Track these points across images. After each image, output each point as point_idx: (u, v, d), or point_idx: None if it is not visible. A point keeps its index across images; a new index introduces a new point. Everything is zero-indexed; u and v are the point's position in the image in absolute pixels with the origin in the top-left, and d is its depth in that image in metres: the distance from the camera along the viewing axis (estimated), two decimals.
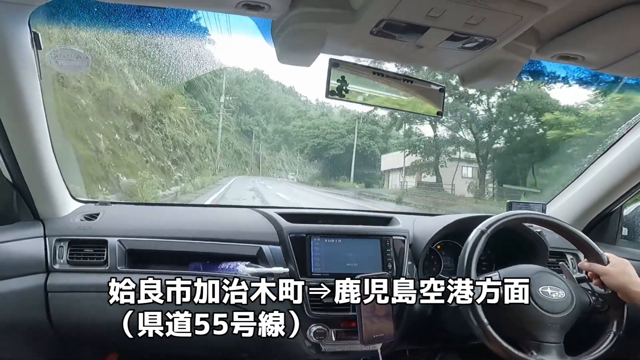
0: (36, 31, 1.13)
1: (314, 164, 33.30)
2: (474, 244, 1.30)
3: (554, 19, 0.90)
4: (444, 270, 1.74)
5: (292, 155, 38.15)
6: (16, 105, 1.19)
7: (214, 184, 18.20)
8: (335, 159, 28.33)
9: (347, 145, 27.55)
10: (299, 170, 36.87)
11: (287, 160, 39.46)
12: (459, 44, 0.96)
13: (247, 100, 37.78)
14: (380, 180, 26.92)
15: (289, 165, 39.24)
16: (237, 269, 1.45)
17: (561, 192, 1.97)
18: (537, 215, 1.44)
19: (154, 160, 12.08)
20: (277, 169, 37.86)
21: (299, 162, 36.95)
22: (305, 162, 35.52)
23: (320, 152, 29.29)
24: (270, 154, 38.09)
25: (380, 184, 26.36)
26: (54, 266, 1.37)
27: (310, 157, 31.66)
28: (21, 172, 1.34)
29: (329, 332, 1.50)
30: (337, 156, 28.17)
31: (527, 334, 1.24)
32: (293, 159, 38.43)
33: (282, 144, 37.42)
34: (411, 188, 21.11)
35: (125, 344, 1.56)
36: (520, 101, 12.80)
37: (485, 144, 16.96)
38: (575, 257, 1.80)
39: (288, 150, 37.58)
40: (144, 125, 11.64)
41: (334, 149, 28.01)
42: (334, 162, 28.64)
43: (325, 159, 29.58)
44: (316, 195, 20.18)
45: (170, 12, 1.22)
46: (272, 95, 43.53)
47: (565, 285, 1.30)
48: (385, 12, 0.84)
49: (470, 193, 18.28)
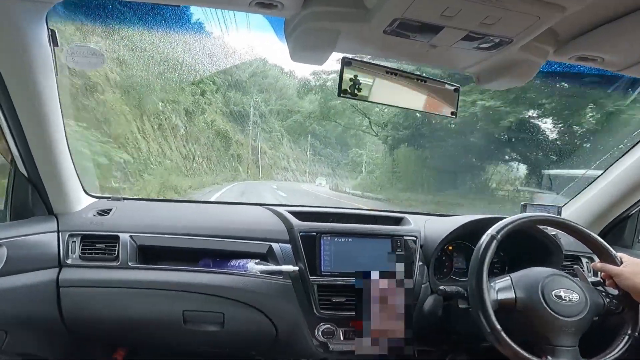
0: (53, 28, 1.14)
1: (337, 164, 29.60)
2: (484, 248, 1.28)
3: (573, 20, 0.88)
4: (455, 271, 1.72)
5: (299, 150, 31.68)
6: (33, 102, 1.21)
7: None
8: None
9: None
10: (309, 170, 31.37)
11: (294, 156, 31.79)
12: (474, 43, 0.95)
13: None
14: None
15: (295, 163, 31.64)
16: (246, 266, 1.46)
17: (577, 195, 1.94)
18: (548, 217, 1.42)
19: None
20: (282, 169, 30.46)
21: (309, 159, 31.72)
22: (316, 160, 31.07)
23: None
24: (272, 147, 30.13)
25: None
26: (67, 261, 1.39)
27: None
28: (37, 168, 1.36)
29: (337, 332, 1.50)
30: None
31: (541, 338, 1.23)
32: (301, 155, 31.93)
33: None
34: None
35: (135, 339, 1.58)
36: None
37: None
38: (591, 260, 1.77)
39: (294, 144, 31.08)
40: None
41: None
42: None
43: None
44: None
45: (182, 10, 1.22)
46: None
47: (579, 288, 1.27)
48: (398, 12, 0.83)
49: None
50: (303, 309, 1.49)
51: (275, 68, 26.93)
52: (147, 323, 1.42)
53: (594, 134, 9.40)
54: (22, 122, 1.24)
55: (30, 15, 1.04)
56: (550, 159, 10.83)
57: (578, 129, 10.24)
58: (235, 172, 20.34)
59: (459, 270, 1.72)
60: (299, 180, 29.56)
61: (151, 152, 11.13)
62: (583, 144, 9.63)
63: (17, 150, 1.33)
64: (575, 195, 1.95)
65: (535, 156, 11.47)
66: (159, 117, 12.65)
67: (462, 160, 13.55)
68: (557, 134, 11.13)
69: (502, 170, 13.18)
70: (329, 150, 31.34)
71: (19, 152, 1.33)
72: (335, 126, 25.33)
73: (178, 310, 1.40)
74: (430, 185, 15.12)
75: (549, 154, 11.04)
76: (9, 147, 1.34)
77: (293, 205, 1.77)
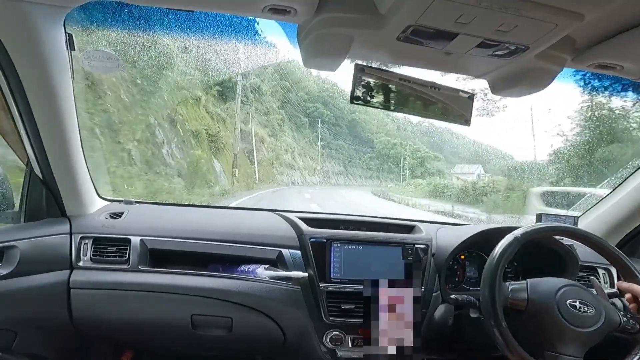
0: (70, 33, 1.16)
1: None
2: (504, 249, 1.26)
3: (592, 27, 0.86)
4: (467, 280, 1.69)
5: (308, 146, 26.30)
6: (49, 105, 1.22)
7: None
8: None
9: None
10: (321, 170, 26.71)
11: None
12: (489, 51, 0.94)
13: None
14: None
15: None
16: (256, 272, 1.45)
17: (595, 206, 1.91)
18: (576, 230, 1.37)
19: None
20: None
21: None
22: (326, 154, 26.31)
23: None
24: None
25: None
26: (78, 263, 1.39)
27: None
28: (51, 170, 1.37)
29: (345, 339, 1.49)
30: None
31: (546, 344, 1.20)
32: (308, 148, 26.33)
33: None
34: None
35: (142, 342, 1.58)
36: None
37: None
38: (607, 272, 1.74)
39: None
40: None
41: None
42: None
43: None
44: None
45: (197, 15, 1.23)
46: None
47: (596, 302, 1.24)
48: (412, 18, 0.82)
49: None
50: (312, 315, 1.48)
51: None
52: (155, 326, 1.43)
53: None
54: (39, 125, 1.26)
55: (48, 20, 1.05)
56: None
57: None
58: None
59: (471, 280, 1.69)
60: (309, 183, 24.67)
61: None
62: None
63: (32, 153, 1.34)
64: (592, 206, 1.92)
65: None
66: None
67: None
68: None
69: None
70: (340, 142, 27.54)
71: (35, 155, 1.35)
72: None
73: (186, 314, 1.40)
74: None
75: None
76: (25, 150, 1.36)
77: (303, 211, 1.76)
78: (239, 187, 14.91)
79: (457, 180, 19.46)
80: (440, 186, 18.03)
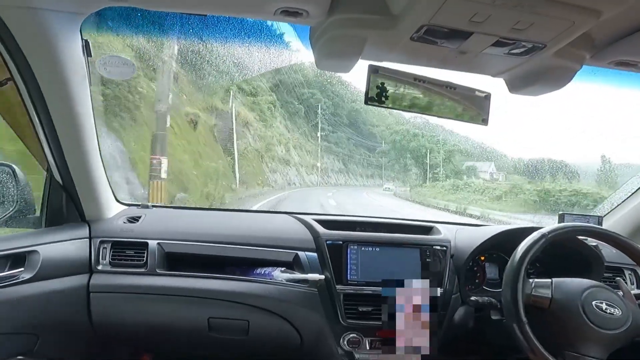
0: (87, 39, 1.18)
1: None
2: (530, 245, 1.24)
3: (610, 24, 0.84)
4: (487, 282, 1.67)
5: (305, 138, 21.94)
6: (68, 111, 1.24)
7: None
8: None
9: None
10: (332, 172, 23.69)
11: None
12: (505, 49, 0.92)
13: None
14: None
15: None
16: (272, 274, 1.45)
17: (619, 205, 1.86)
18: (604, 231, 1.33)
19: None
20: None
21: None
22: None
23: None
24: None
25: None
26: (97, 267, 1.42)
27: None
28: (71, 175, 1.40)
29: (363, 341, 1.48)
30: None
31: (567, 344, 1.18)
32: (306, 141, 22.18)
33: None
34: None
35: (160, 345, 1.60)
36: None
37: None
38: (634, 273, 1.71)
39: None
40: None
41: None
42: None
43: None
44: None
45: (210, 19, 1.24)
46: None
47: (623, 304, 1.21)
48: (426, 18, 0.81)
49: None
50: (328, 317, 1.47)
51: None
52: (173, 329, 1.44)
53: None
54: (58, 131, 1.28)
55: (65, 27, 1.07)
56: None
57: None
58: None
59: (492, 281, 1.66)
60: (314, 184, 20.99)
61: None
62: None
63: (52, 158, 1.37)
64: (617, 205, 1.87)
65: None
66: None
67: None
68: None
69: None
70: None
71: (54, 160, 1.37)
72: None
73: (203, 317, 1.41)
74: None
75: None
76: (45, 155, 1.38)
77: (319, 214, 1.76)
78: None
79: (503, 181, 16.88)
80: (490, 189, 15.38)
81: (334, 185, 22.57)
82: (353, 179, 25.91)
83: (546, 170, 13.88)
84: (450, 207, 14.82)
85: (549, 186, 12.71)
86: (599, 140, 17.11)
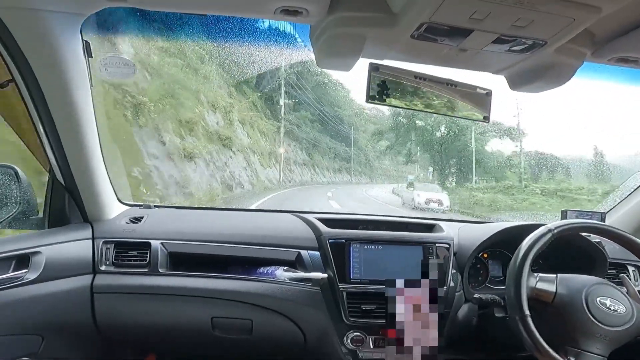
0: (87, 40, 1.18)
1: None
2: (536, 240, 1.23)
3: (611, 20, 0.84)
4: (491, 279, 1.67)
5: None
6: (70, 112, 1.24)
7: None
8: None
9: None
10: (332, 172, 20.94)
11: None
12: (506, 46, 0.92)
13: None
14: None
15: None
16: (275, 273, 1.45)
17: (622, 201, 1.86)
18: (609, 228, 1.32)
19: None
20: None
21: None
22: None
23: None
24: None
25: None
26: (101, 267, 1.42)
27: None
28: (73, 177, 1.40)
29: (366, 340, 1.48)
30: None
31: (570, 339, 1.17)
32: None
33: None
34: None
35: (163, 345, 1.61)
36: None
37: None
38: (638, 269, 1.70)
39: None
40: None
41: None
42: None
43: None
44: None
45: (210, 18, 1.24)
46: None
47: (627, 301, 1.21)
48: (426, 16, 0.81)
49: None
50: (332, 316, 1.48)
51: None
52: (176, 329, 1.44)
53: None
54: (60, 132, 1.28)
55: (65, 28, 1.07)
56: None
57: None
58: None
59: (495, 279, 1.67)
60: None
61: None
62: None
63: (54, 159, 1.37)
64: (620, 201, 1.87)
65: None
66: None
67: None
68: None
69: None
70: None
71: (57, 161, 1.37)
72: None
73: (207, 316, 1.42)
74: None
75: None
76: (47, 157, 1.39)
77: (322, 212, 1.76)
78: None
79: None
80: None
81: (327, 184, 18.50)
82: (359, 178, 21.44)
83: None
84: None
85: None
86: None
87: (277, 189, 14.56)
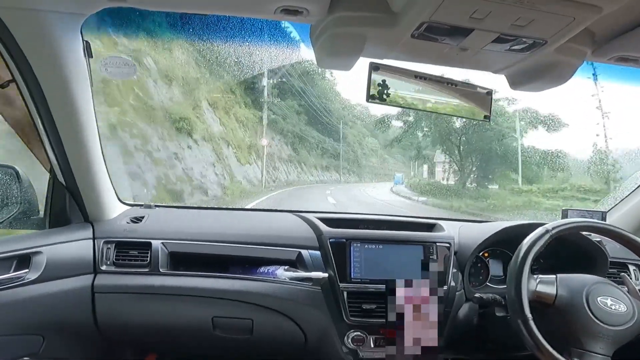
0: (88, 40, 1.18)
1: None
2: (534, 241, 1.23)
3: (611, 20, 0.84)
4: (491, 278, 1.67)
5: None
6: (70, 112, 1.24)
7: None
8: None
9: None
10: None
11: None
12: (506, 45, 0.92)
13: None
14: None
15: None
16: (275, 273, 1.45)
17: (623, 200, 1.86)
18: (610, 228, 1.32)
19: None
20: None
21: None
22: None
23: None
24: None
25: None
26: (101, 267, 1.42)
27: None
28: (74, 177, 1.40)
29: (367, 339, 1.48)
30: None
31: (573, 340, 1.17)
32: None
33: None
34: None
35: (164, 344, 1.61)
36: None
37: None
38: (639, 268, 1.70)
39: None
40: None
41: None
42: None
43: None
44: None
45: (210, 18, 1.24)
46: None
47: (628, 300, 1.21)
48: (426, 15, 0.81)
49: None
50: (332, 315, 1.47)
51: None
52: (177, 328, 1.45)
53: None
54: (60, 132, 1.28)
55: (65, 28, 1.07)
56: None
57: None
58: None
59: (496, 278, 1.66)
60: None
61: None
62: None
63: (55, 160, 1.37)
64: (620, 200, 1.87)
65: None
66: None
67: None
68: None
69: None
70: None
71: (58, 161, 1.37)
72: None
73: (207, 316, 1.42)
74: None
75: None
76: (48, 157, 1.39)
77: (322, 212, 1.76)
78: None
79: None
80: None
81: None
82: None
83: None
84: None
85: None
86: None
87: (260, 192, 12.20)
